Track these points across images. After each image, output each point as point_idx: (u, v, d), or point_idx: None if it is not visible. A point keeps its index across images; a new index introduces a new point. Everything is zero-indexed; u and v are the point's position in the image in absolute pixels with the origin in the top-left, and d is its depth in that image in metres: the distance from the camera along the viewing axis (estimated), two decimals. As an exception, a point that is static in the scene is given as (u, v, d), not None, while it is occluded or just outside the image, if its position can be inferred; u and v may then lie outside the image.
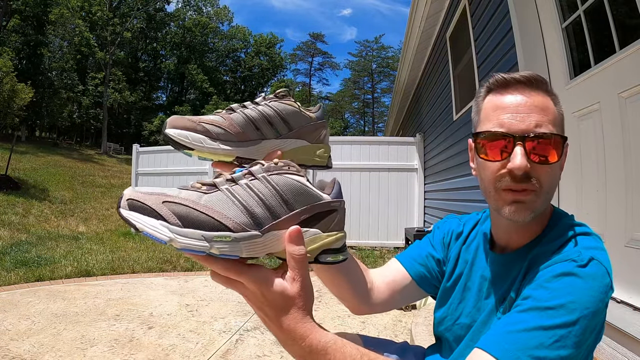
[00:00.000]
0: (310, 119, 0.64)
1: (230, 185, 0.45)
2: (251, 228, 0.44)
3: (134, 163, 6.80)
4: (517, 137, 0.58)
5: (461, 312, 0.73)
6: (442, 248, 0.81)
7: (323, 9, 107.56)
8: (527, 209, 0.59)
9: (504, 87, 0.63)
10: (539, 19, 2.17)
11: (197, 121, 0.56)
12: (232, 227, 0.43)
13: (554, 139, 0.59)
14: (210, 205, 0.43)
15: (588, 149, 1.79)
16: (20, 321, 2.53)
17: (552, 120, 0.60)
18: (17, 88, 11.68)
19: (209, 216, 0.43)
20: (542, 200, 0.60)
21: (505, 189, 0.60)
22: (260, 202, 0.44)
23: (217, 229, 0.42)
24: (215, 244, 0.42)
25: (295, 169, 0.48)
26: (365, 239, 5.56)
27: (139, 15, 35.12)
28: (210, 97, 36.96)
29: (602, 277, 0.53)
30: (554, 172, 0.61)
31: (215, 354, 2.13)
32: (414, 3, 4.56)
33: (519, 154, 0.57)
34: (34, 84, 17.65)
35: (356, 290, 0.75)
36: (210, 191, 0.45)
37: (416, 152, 5.69)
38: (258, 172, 0.46)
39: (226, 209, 0.43)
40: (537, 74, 0.62)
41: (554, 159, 0.59)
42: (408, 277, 0.79)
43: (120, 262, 4.38)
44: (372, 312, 0.79)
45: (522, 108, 0.60)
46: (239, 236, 0.43)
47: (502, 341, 0.50)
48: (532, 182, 0.59)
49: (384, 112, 43.73)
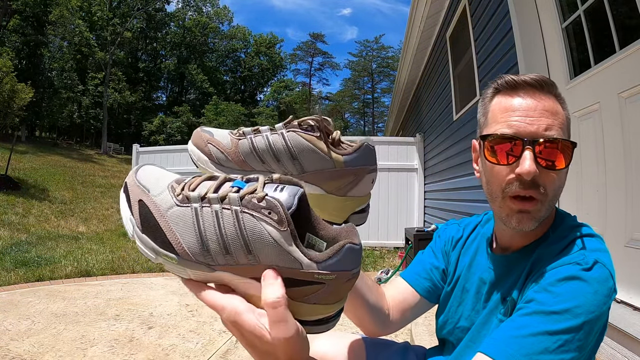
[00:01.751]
0: (332, 162, 0.49)
1: (201, 205, 0.38)
2: (201, 262, 0.38)
3: (134, 163, 6.80)
4: (526, 140, 0.56)
5: (460, 315, 0.72)
6: (443, 257, 0.81)
7: (324, 8, 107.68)
8: (531, 218, 0.58)
9: (513, 89, 0.61)
10: (539, 19, 2.17)
11: (206, 140, 0.52)
12: (179, 253, 0.39)
13: (563, 144, 0.57)
14: (171, 221, 0.39)
15: (588, 149, 1.79)
16: (20, 321, 2.53)
17: (561, 124, 0.59)
18: (17, 88, 11.66)
19: (163, 232, 0.39)
20: (546, 207, 0.59)
21: (513, 196, 0.58)
22: (220, 239, 0.37)
23: (166, 248, 0.39)
24: (161, 260, 0.40)
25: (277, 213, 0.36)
26: (365, 239, 5.55)
27: (139, 15, 35.13)
28: (210, 97, 36.93)
29: (606, 280, 0.52)
30: (560, 179, 0.59)
31: (215, 354, 2.13)
32: (414, 3, 4.56)
33: (528, 158, 0.55)
34: (34, 84, 17.62)
35: (375, 316, 0.74)
36: (183, 204, 0.39)
37: (416, 152, 5.69)
38: (233, 201, 0.37)
39: (183, 231, 0.38)
40: (547, 77, 0.61)
41: (562, 165, 0.57)
42: (417, 295, 0.79)
43: (120, 262, 4.38)
44: (387, 334, 0.78)
45: (532, 111, 0.58)
46: (184, 263, 0.39)
47: (506, 346, 0.50)
48: (539, 189, 0.57)
49: (384, 112, 43.73)
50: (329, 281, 0.37)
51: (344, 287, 0.39)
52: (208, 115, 32.55)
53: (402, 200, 5.63)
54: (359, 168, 0.50)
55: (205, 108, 33.81)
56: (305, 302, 0.38)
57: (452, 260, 0.78)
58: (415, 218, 5.57)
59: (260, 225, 0.36)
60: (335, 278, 0.37)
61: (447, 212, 4.33)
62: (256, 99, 47.84)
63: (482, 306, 0.68)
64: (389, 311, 0.77)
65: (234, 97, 42.19)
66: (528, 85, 0.60)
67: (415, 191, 5.63)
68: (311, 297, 0.38)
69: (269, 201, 0.36)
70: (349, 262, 0.38)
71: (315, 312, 0.39)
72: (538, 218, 0.59)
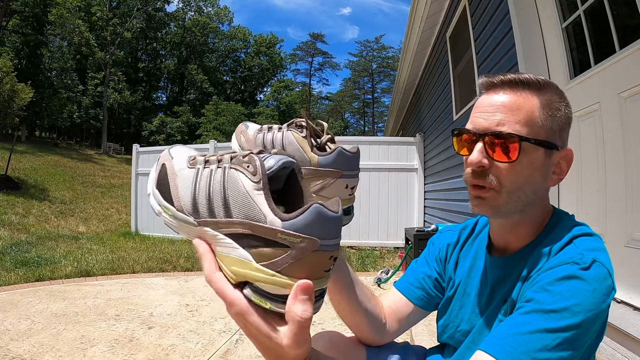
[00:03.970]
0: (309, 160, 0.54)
1: (203, 167, 0.43)
2: (190, 214, 0.43)
3: (134, 163, 6.79)
4: (478, 134, 0.61)
5: (462, 319, 0.73)
6: (437, 264, 0.81)
7: (325, 7, 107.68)
8: (486, 205, 0.62)
9: (488, 88, 0.65)
10: (539, 19, 2.17)
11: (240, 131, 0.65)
12: (175, 206, 0.44)
13: (509, 138, 0.59)
14: (178, 179, 0.44)
15: (588, 149, 1.79)
16: (20, 321, 2.53)
17: (522, 120, 0.59)
18: (17, 88, 11.67)
19: (169, 188, 0.45)
20: (504, 199, 0.61)
21: (471, 185, 0.64)
22: (206, 195, 0.41)
23: (168, 201, 0.45)
24: (162, 212, 0.45)
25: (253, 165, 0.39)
26: (365, 239, 5.56)
27: (138, 15, 35.10)
28: (210, 97, 36.91)
29: (604, 279, 0.53)
30: (516, 172, 0.60)
31: (215, 354, 2.13)
32: (414, 3, 4.56)
33: (476, 149, 0.61)
34: (34, 84, 17.62)
35: (373, 325, 0.76)
36: (191, 166, 0.45)
37: (416, 152, 5.69)
38: (226, 161, 0.41)
39: (183, 187, 0.43)
40: (529, 75, 0.62)
41: (506, 158, 0.59)
42: (410, 305, 0.80)
43: (120, 262, 4.38)
44: (384, 342, 0.80)
45: (489, 107, 0.62)
46: (177, 215, 0.44)
47: (505, 343, 0.50)
48: (488, 179, 0.61)
49: (384, 112, 43.68)
50: (295, 246, 0.36)
51: (313, 260, 0.37)
52: (208, 115, 32.52)
53: (402, 200, 5.63)
54: (331, 170, 0.53)
55: (205, 108, 33.75)
56: (270, 267, 0.37)
57: (450, 265, 0.79)
58: (415, 218, 5.57)
59: (237, 175, 0.40)
60: (301, 244, 0.36)
61: (447, 212, 4.33)
62: (256, 99, 47.81)
63: (484, 309, 0.68)
64: (386, 320, 0.78)
65: (234, 97, 42.17)
66: (503, 83, 0.62)
67: (415, 191, 5.63)
68: (277, 261, 0.37)
69: (251, 157, 0.40)
70: (317, 228, 0.36)
71: (268, 281, 0.37)
72: (496, 206, 0.62)
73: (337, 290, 0.71)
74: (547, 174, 0.62)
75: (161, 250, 5.12)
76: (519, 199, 0.61)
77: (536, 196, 0.63)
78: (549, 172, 0.62)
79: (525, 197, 0.61)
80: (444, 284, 0.80)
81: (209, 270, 0.41)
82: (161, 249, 5.21)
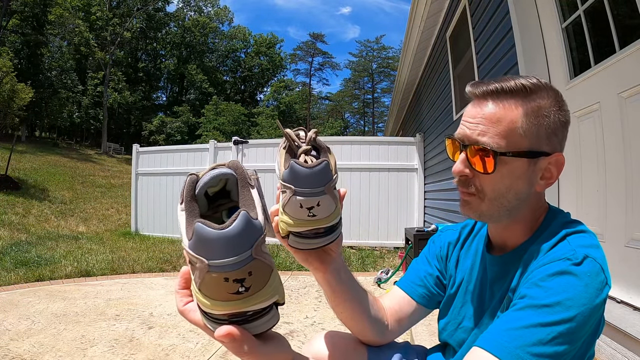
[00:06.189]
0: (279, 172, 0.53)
1: None
2: None
3: (134, 163, 6.79)
4: (461, 144, 0.64)
5: (464, 316, 0.73)
6: (438, 262, 0.82)
7: (326, 6, 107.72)
8: (471, 209, 0.65)
9: (472, 98, 0.66)
10: (539, 19, 2.17)
11: None
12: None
13: (485, 150, 0.60)
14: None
15: (588, 149, 1.79)
16: (20, 321, 2.53)
17: (502, 132, 0.59)
18: (17, 88, 11.68)
19: None
20: (487, 205, 0.63)
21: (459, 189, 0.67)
22: None
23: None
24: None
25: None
26: (365, 239, 5.56)
27: (138, 15, 35.11)
28: (210, 97, 36.92)
29: (597, 274, 0.53)
30: (496, 181, 0.61)
31: (215, 354, 2.13)
32: (414, 3, 4.56)
33: (459, 159, 0.64)
34: (34, 84, 17.64)
35: (375, 327, 0.76)
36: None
37: (416, 152, 5.69)
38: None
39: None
40: (515, 82, 0.61)
41: (484, 169, 0.61)
42: (413, 303, 0.80)
43: (120, 262, 4.38)
44: (385, 342, 0.80)
45: (472, 118, 0.63)
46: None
47: (500, 338, 0.51)
48: (471, 188, 0.64)
49: (384, 112, 43.65)
50: (196, 266, 0.35)
51: (211, 281, 0.34)
52: (208, 115, 32.55)
53: (402, 200, 5.63)
54: (287, 186, 0.50)
55: (205, 108, 33.78)
56: (194, 281, 0.37)
57: (451, 264, 0.80)
58: (415, 218, 5.57)
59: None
60: (197, 264, 0.34)
61: (447, 212, 4.33)
62: (256, 99, 47.83)
63: (485, 307, 0.69)
64: (387, 321, 0.78)
65: (234, 97, 42.17)
66: (489, 92, 0.62)
67: (415, 191, 5.63)
68: (194, 280, 0.36)
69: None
70: (202, 247, 0.34)
71: (198, 298, 0.37)
72: (480, 212, 0.64)
73: (341, 302, 0.71)
74: (533, 180, 0.62)
75: (161, 250, 5.12)
76: (502, 206, 0.63)
77: (520, 201, 0.63)
78: (534, 178, 0.62)
79: (508, 204, 0.63)
80: (445, 281, 0.80)
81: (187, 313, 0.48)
82: (161, 249, 5.21)
